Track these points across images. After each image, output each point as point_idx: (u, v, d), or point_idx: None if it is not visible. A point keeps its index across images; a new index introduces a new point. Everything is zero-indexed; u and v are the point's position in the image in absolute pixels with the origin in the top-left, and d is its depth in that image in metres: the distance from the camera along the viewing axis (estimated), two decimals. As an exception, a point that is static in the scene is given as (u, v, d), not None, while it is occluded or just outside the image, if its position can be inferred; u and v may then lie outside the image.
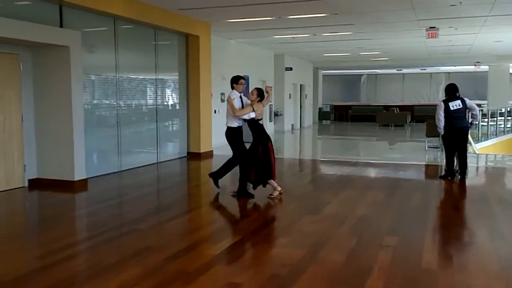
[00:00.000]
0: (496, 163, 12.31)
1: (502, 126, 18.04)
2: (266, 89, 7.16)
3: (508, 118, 18.44)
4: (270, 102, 18.04)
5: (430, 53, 18.66)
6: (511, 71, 22.51)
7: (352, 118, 26.63)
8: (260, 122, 6.89)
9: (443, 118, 8.20)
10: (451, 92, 8.31)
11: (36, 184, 7.73)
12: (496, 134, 17.25)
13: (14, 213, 6.70)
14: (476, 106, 8.57)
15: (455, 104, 8.17)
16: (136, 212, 6.33)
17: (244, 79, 7.05)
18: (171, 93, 11.24)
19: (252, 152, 6.85)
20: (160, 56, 10.62)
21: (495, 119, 17.51)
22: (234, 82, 6.98)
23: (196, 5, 9.61)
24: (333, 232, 5.26)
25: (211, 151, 11.90)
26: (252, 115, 6.71)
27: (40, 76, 7.71)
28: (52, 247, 4.77)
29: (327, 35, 13.89)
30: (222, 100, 12.97)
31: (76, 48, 7.63)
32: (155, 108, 10.54)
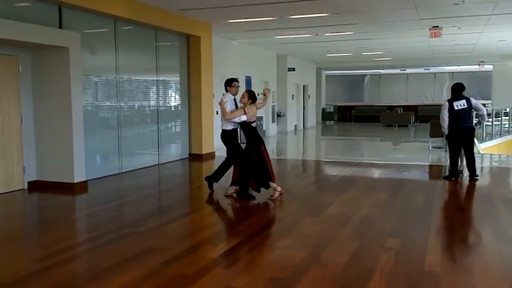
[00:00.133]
0: (501, 163, 12.19)
1: (507, 126, 17.92)
2: (264, 91, 7.16)
3: (513, 118, 18.32)
4: (273, 103, 18.07)
5: (434, 52, 18.56)
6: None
7: (355, 118, 26.54)
8: (253, 125, 6.85)
9: (447, 117, 8.12)
10: (456, 91, 8.22)
11: (35, 186, 7.69)
12: (500, 134, 17.13)
13: (14, 215, 6.66)
14: (482, 106, 8.48)
15: (459, 104, 8.07)
16: (136, 214, 6.27)
17: (237, 82, 7.04)
18: (172, 94, 11.19)
19: (246, 155, 6.81)
20: (161, 57, 10.57)
21: (499, 119, 17.40)
22: (228, 85, 7.03)
23: (197, 5, 9.56)
24: (335, 234, 5.18)
25: (213, 153, 11.83)
26: (243, 118, 6.68)
27: (39, 78, 7.67)
28: (51, 249, 4.73)
29: (329, 35, 13.82)
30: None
31: (75, 49, 7.58)
32: (156, 110, 10.49)
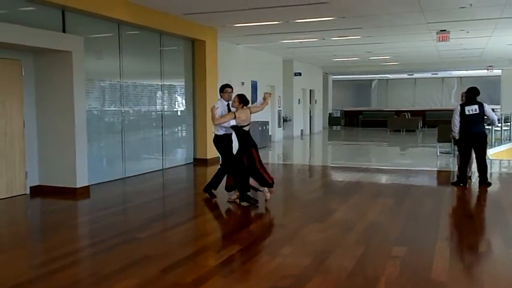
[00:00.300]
0: (510, 169, 11.98)
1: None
2: (264, 95, 7.21)
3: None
4: (279, 108, 17.96)
5: (442, 57, 18.38)
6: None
7: (362, 123, 26.34)
8: (246, 129, 6.80)
9: (458, 122, 8.02)
10: (469, 96, 8.10)
11: (38, 191, 7.62)
12: (510, 139, 16.87)
13: (15, 221, 6.60)
14: (493, 113, 8.34)
15: (471, 109, 7.95)
16: (137, 220, 6.18)
17: (230, 88, 7.15)
18: (177, 98, 11.12)
19: (237, 160, 6.78)
20: (166, 61, 10.51)
21: (509, 124, 17.15)
22: (220, 91, 7.18)
23: (202, 9, 9.49)
24: (339, 241, 5.06)
25: (218, 157, 11.68)
26: (232, 122, 6.67)
27: (42, 82, 7.62)
28: (50, 256, 4.66)
29: (335, 39, 13.71)
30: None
31: (78, 53, 7.54)
32: (161, 114, 10.43)
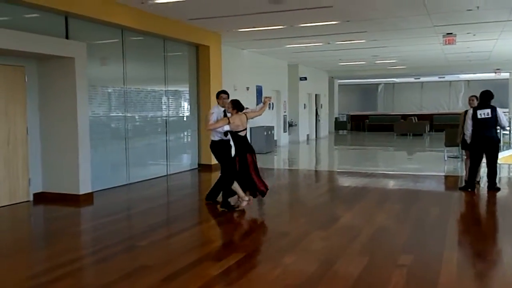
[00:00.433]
0: (520, 173, 11.80)
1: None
2: (264, 99, 7.20)
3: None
4: (285, 113, 17.88)
5: (449, 60, 18.22)
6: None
7: (369, 127, 26.16)
8: (241, 134, 6.76)
9: (470, 126, 7.93)
10: (482, 100, 8.03)
11: (41, 198, 7.58)
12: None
13: (17, 228, 6.53)
14: (505, 118, 8.26)
15: (483, 113, 7.85)
16: (139, 227, 6.12)
17: (225, 94, 7.26)
18: (181, 104, 11.07)
19: (232, 164, 6.78)
20: (170, 67, 10.47)
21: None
22: (216, 97, 7.29)
23: (206, 14, 9.45)
24: (344, 249, 4.95)
25: (222, 163, 11.65)
26: (226, 128, 6.67)
27: (45, 88, 7.60)
28: (50, 264, 4.62)
29: (340, 43, 13.62)
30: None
31: (81, 59, 7.51)
32: (165, 120, 10.38)
